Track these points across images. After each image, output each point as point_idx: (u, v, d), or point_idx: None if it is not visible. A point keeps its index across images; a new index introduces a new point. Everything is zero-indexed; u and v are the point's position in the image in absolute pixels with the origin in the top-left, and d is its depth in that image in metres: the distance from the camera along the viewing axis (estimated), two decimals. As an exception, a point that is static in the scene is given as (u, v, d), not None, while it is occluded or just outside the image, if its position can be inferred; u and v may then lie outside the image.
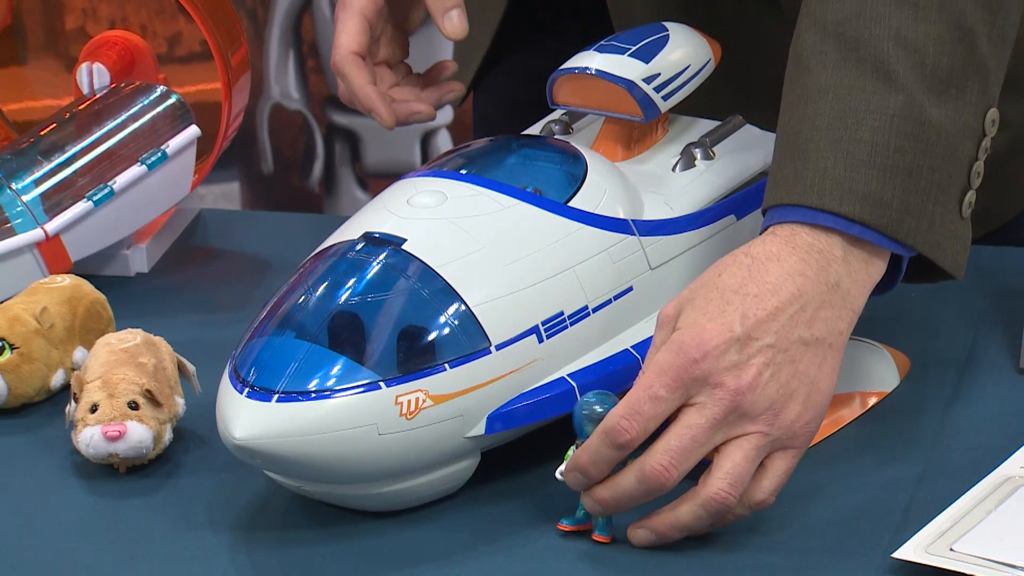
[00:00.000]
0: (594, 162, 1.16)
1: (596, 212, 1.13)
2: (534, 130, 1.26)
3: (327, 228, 1.14)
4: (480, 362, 1.06)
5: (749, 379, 1.03)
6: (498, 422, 1.07)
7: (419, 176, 1.15)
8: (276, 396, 1.03)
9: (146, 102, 1.42)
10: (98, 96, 1.44)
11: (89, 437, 1.12)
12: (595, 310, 1.11)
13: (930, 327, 1.27)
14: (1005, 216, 1.41)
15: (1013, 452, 1.10)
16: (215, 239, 1.51)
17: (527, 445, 1.10)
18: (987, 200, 1.35)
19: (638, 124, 1.21)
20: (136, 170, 1.39)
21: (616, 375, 1.11)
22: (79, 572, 1.05)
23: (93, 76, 1.46)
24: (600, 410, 1.04)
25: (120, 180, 1.38)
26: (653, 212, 1.15)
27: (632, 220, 1.14)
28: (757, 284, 1.05)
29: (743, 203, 1.19)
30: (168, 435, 1.15)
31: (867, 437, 1.16)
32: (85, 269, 1.37)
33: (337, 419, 1.03)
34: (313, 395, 1.03)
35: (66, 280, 1.27)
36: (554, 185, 1.14)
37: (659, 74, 1.20)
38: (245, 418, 1.03)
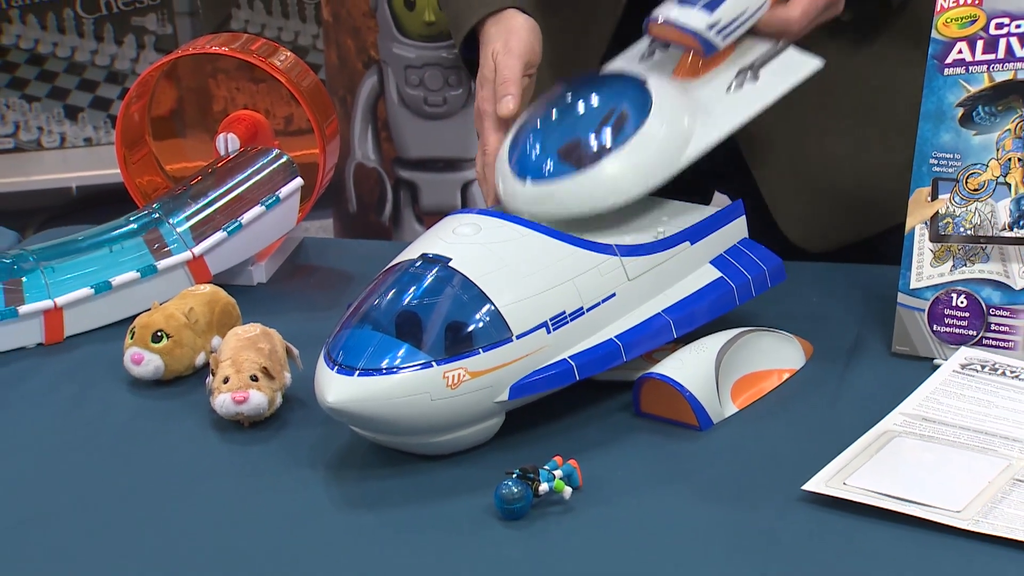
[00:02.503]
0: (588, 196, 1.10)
1: (589, 239, 1.07)
2: (635, 51, 1.19)
3: (394, 251, 1.09)
4: (505, 347, 1.01)
5: None
6: (517, 391, 1.02)
7: (461, 213, 1.10)
8: (357, 372, 0.98)
9: (265, 161, 1.37)
10: (231, 157, 1.40)
11: (222, 401, 1.08)
12: (588, 310, 1.05)
13: (827, 322, 1.22)
14: (876, 229, 1.36)
15: (888, 412, 1.05)
16: (314, 259, 1.46)
17: (538, 408, 1.06)
18: (864, 218, 1.34)
19: (704, 58, 1.14)
20: (257, 209, 1.34)
21: (603, 357, 1.05)
22: (215, 498, 1.01)
23: (228, 143, 1.41)
24: (516, 490, 0.94)
25: (246, 216, 1.33)
26: (633, 240, 1.09)
27: (616, 245, 1.08)
28: None
29: (695, 233, 1.13)
30: (279, 400, 1.10)
31: (783, 402, 1.10)
32: (221, 280, 1.32)
33: (401, 389, 0.98)
34: (384, 371, 0.98)
35: (207, 288, 1.23)
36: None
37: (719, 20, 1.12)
38: (335, 388, 0.98)
